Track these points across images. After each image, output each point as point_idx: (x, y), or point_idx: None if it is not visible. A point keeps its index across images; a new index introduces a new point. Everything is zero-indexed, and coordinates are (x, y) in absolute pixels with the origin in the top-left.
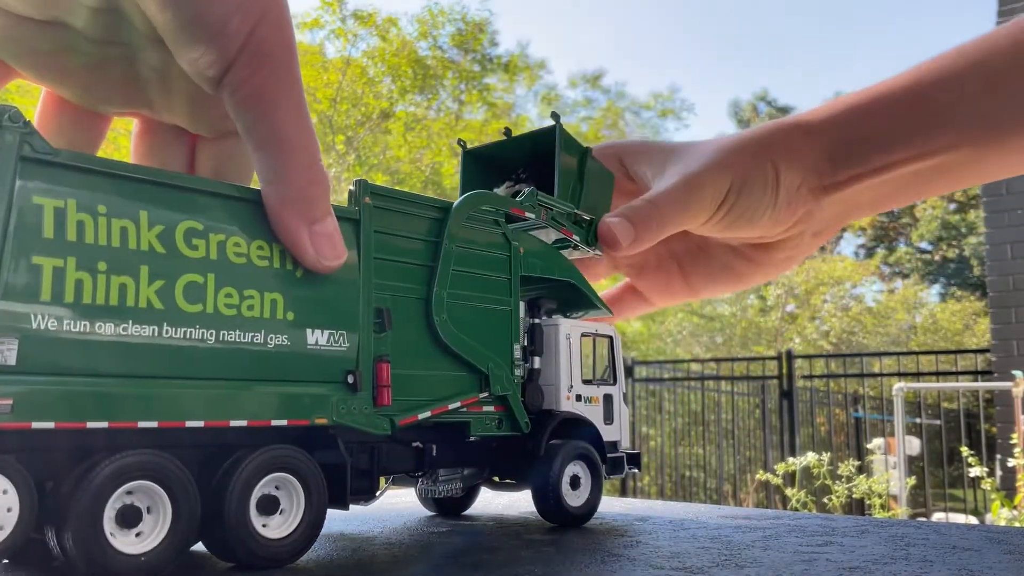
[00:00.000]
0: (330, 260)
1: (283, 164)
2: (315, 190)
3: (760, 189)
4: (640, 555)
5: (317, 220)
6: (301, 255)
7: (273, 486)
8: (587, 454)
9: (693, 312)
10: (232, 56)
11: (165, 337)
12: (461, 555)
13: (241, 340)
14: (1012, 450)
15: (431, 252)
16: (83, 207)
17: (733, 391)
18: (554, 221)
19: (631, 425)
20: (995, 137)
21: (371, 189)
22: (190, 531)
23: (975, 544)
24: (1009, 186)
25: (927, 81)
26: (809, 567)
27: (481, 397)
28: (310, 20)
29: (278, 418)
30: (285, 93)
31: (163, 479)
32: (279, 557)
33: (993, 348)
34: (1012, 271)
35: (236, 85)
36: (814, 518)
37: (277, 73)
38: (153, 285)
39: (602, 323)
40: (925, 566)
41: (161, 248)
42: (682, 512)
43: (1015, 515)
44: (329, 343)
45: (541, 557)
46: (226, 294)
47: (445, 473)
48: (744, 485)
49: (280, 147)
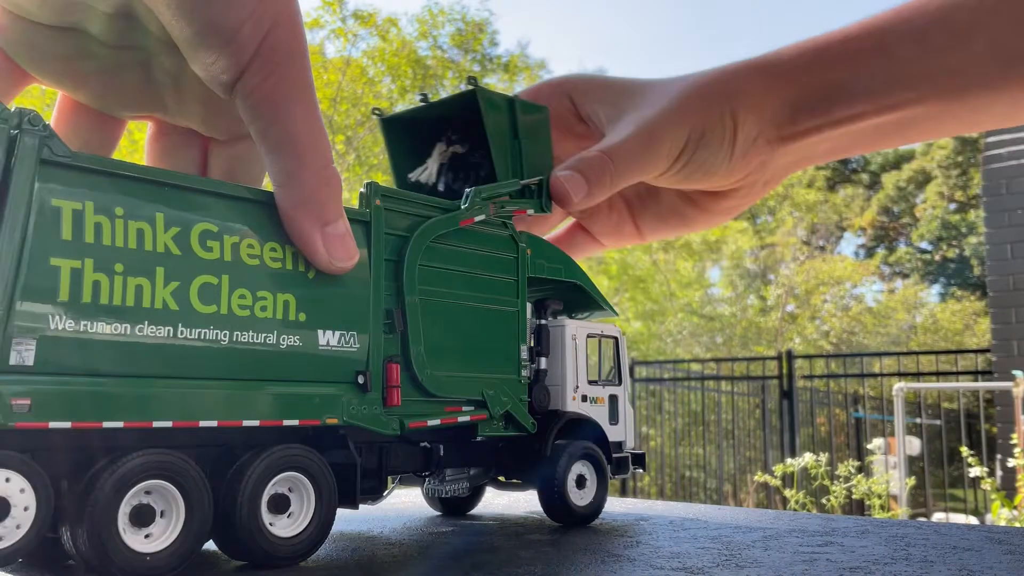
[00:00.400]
0: (342, 261)
1: (296, 167)
2: (327, 192)
3: (717, 142)
4: (640, 555)
5: (329, 222)
6: (314, 257)
7: (284, 485)
8: (593, 454)
9: (693, 312)
10: (245, 62)
11: (180, 338)
12: (461, 555)
13: (254, 341)
14: (1012, 450)
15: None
16: (100, 209)
17: (733, 391)
18: (503, 210)
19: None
20: (959, 94)
21: (382, 191)
22: (202, 530)
23: (975, 544)
24: (1009, 186)
25: (893, 32)
26: (809, 567)
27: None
28: (310, 20)
29: (289, 418)
30: (297, 97)
31: (177, 478)
32: (289, 556)
33: (993, 348)
34: (1012, 271)
35: (249, 90)
36: (814, 518)
37: (289, 78)
38: (169, 286)
39: (608, 324)
40: (925, 566)
41: (177, 250)
42: (682, 512)
43: (1015, 515)
44: (340, 344)
45: (541, 557)
46: (240, 295)
47: (452, 473)
48: (744, 485)
49: (293, 150)
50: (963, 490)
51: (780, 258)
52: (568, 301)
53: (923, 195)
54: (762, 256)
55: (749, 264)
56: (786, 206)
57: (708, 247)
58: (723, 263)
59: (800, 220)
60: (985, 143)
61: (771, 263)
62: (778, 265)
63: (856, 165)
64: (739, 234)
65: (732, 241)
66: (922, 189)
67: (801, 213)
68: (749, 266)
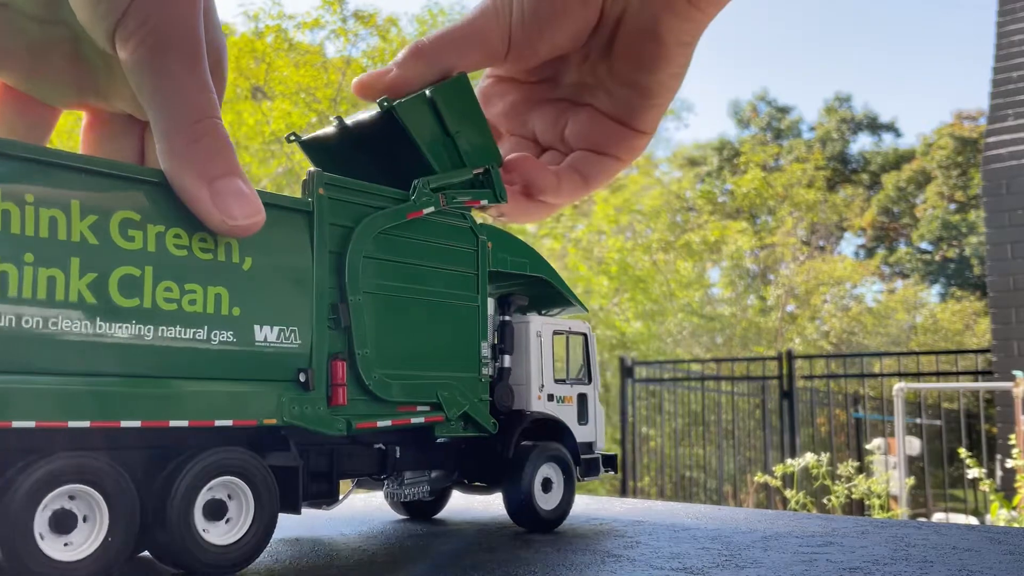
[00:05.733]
0: (240, 220)
1: (172, 117)
2: (207, 144)
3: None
4: (640, 555)
5: (217, 177)
6: (205, 216)
7: (220, 491)
8: (559, 456)
9: (693, 312)
10: (126, 3)
11: (98, 332)
12: (461, 555)
13: (182, 336)
14: (1012, 451)
15: (393, 247)
16: (8, 195)
17: (733, 391)
18: (455, 201)
19: (631, 425)
20: None
21: (326, 180)
22: (129, 538)
23: (975, 545)
24: (1009, 186)
25: None
26: (809, 567)
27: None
28: (311, 20)
29: (222, 418)
30: (176, 45)
31: (100, 483)
32: (226, 563)
33: (993, 348)
34: (1012, 271)
35: (127, 35)
36: (814, 518)
37: (169, 22)
38: (85, 278)
39: (577, 320)
40: (925, 567)
41: (94, 239)
42: (682, 512)
43: (1014, 516)
44: (279, 340)
45: (541, 557)
46: (165, 288)
47: (411, 476)
48: (744, 486)
49: (169, 100)
50: (963, 490)
51: (780, 258)
52: (536, 297)
53: (923, 195)
54: (762, 256)
55: (749, 264)
56: (786, 206)
57: (708, 247)
58: (723, 263)
59: (800, 220)
60: (985, 143)
61: (771, 263)
62: (778, 265)
63: (856, 165)
64: (739, 234)
65: (732, 241)
66: (922, 189)
67: (801, 213)
68: (749, 266)
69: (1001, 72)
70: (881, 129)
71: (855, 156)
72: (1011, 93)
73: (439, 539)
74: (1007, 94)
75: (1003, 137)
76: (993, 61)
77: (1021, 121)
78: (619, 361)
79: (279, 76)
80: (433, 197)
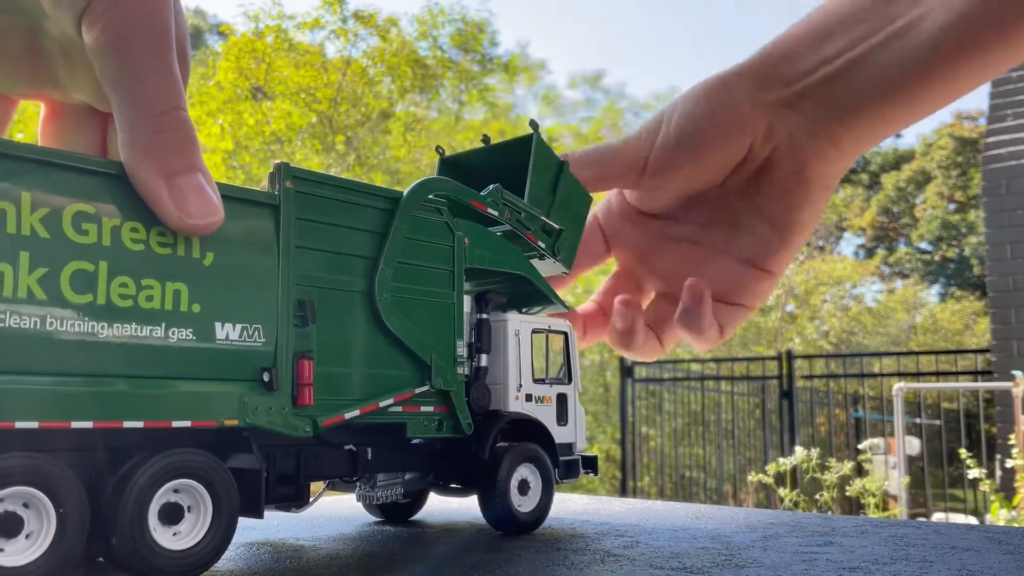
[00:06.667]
0: (197, 218)
1: (136, 105)
2: (170, 137)
3: (693, 105)
4: (640, 555)
5: (176, 173)
6: (163, 213)
7: (176, 494)
8: (537, 457)
9: None
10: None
11: (48, 329)
12: (461, 555)
13: (138, 334)
14: (1011, 450)
15: (366, 241)
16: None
17: (733, 391)
18: (519, 224)
19: (631, 425)
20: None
21: (293, 172)
22: (78, 543)
23: (975, 544)
24: (1009, 186)
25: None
26: (809, 567)
27: (417, 393)
28: (311, 20)
29: (180, 419)
30: (145, 32)
31: (48, 486)
32: (181, 569)
33: (993, 348)
34: (1012, 271)
35: (94, 19)
36: (814, 518)
37: (139, 7)
38: (35, 273)
39: (557, 319)
40: (925, 566)
41: (45, 233)
42: (682, 512)
43: (1014, 515)
44: (241, 338)
45: (541, 557)
46: (121, 283)
47: (384, 478)
48: (744, 485)
49: (135, 87)
50: (963, 490)
51: None
52: (515, 295)
53: (923, 195)
54: None
55: None
56: None
57: None
58: None
59: None
60: (985, 143)
61: None
62: None
63: (856, 165)
64: None
65: None
66: (922, 189)
67: None
68: None
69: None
70: None
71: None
72: (1010, 93)
73: (439, 538)
74: (1007, 94)
75: (1003, 137)
76: None
77: (1021, 121)
78: (619, 361)
79: (279, 76)
80: (501, 206)
